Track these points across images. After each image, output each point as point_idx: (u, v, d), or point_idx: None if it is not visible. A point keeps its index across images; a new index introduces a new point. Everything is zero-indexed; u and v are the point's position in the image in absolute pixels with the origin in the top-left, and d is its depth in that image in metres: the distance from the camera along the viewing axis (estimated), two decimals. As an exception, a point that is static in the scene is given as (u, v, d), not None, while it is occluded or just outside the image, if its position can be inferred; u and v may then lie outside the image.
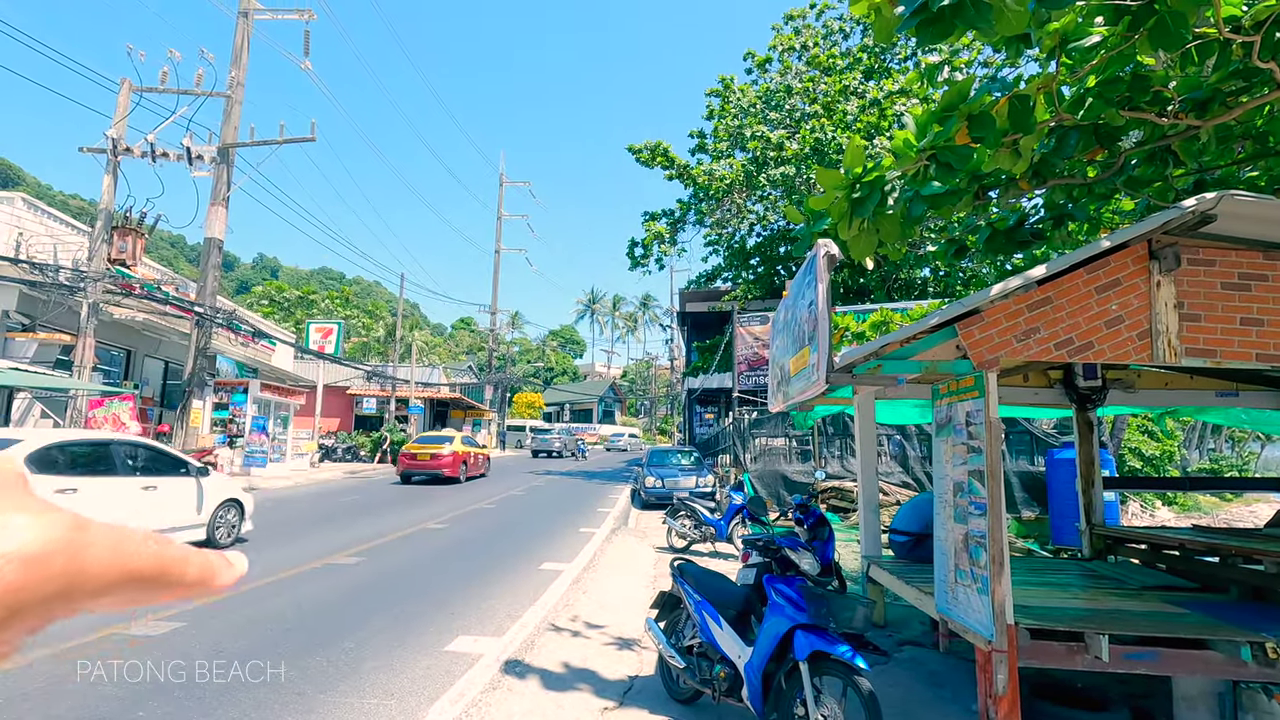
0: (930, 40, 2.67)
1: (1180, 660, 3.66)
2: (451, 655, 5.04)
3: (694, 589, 4.31)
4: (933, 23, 2.58)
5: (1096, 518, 6.31)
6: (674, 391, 56.41)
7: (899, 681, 4.86)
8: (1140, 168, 5.19)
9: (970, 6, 2.49)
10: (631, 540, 10.98)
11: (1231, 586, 4.78)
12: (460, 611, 6.22)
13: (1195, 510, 20.39)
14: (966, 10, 2.50)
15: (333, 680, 4.50)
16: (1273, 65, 3.94)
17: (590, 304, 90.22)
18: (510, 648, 5.24)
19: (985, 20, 2.52)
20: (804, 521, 7.18)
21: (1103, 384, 6.17)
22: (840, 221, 3.74)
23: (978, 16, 2.51)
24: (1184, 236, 3.68)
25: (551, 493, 18.41)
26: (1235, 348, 3.62)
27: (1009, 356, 3.72)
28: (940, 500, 4.11)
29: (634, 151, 24.16)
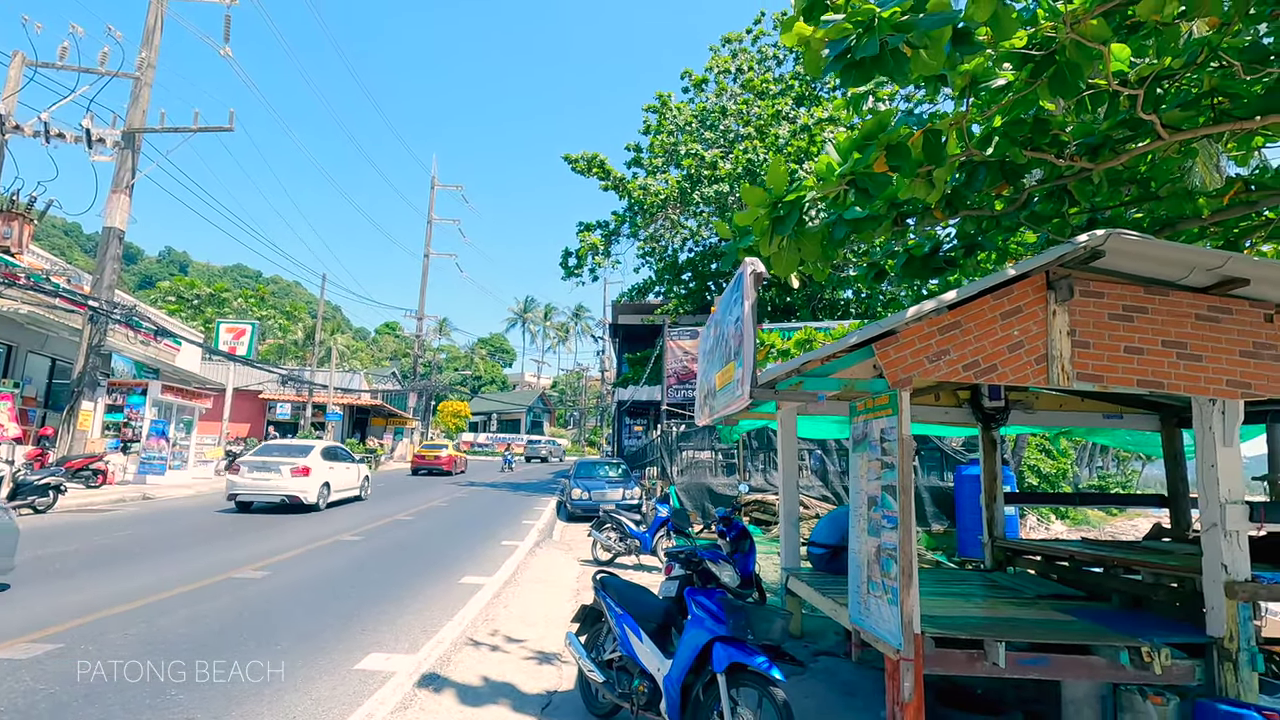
0: (852, 83, 2.80)
1: (1068, 665, 3.90)
2: (361, 674, 4.81)
3: (615, 602, 4.28)
4: (854, 67, 2.70)
5: (998, 531, 6.68)
6: (604, 403, 56.34)
7: (813, 692, 4.98)
8: (1041, 204, 5.58)
9: (889, 58, 2.63)
10: (556, 553, 10.85)
11: (1114, 595, 5.15)
12: (372, 627, 5.96)
13: (1085, 524, 21.93)
14: (885, 61, 2.64)
15: (226, 704, 4.21)
16: (1154, 117, 4.33)
17: (522, 313, 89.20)
18: (425, 664, 5.06)
19: (901, 70, 2.67)
20: (726, 534, 7.28)
21: (1006, 404, 6.57)
22: (762, 238, 3.85)
23: (895, 67, 2.65)
24: (1077, 269, 3.97)
25: (475, 504, 17.99)
26: (1119, 373, 3.92)
27: (921, 376, 3.90)
28: (855, 514, 4.26)
29: (570, 161, 24.17)
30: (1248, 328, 3.96)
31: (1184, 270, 3.90)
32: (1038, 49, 4.01)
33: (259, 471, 13.95)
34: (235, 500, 14.28)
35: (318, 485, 14.37)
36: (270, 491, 13.87)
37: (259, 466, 14.02)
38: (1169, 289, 4.00)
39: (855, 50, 2.64)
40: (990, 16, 3.32)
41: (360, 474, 17.29)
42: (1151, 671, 3.78)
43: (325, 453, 15.13)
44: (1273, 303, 3.97)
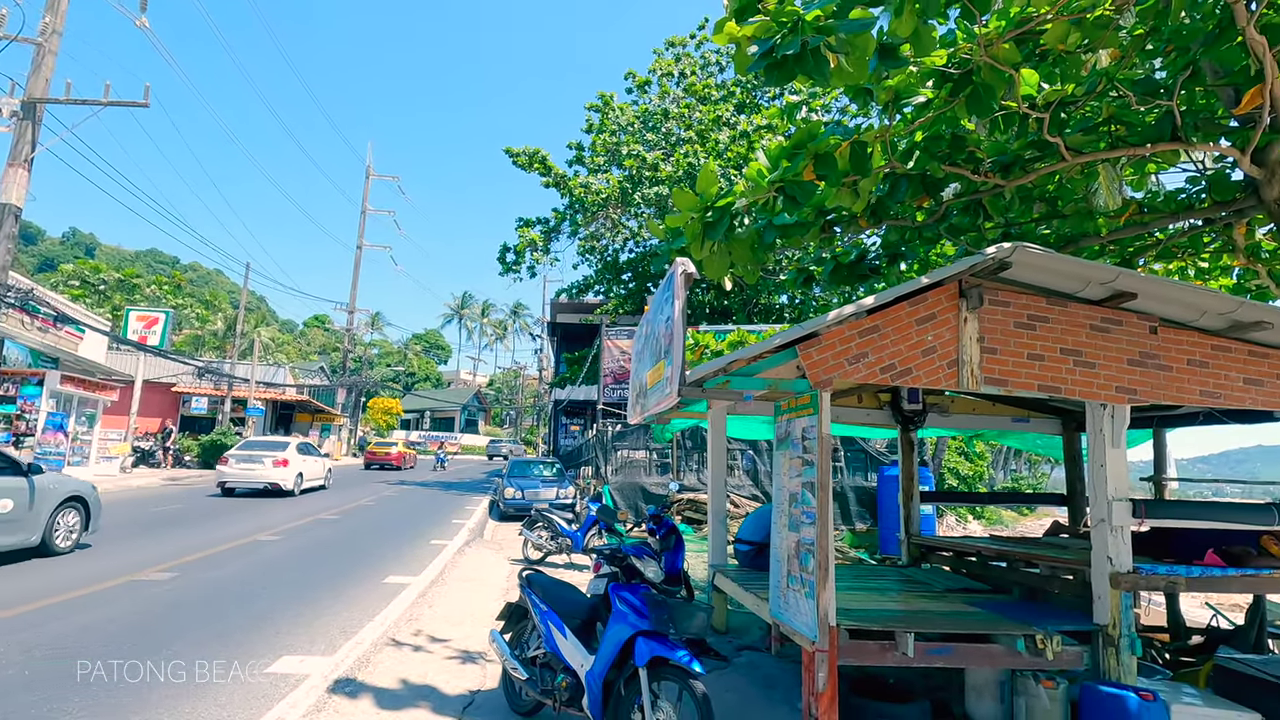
0: (776, 82, 2.89)
1: (971, 654, 4.12)
2: (272, 677, 4.62)
3: (541, 599, 4.27)
4: (778, 66, 2.79)
5: (914, 529, 6.99)
6: (541, 402, 55.87)
7: (736, 685, 5.08)
8: (959, 217, 5.87)
9: (809, 58, 2.73)
10: (486, 552, 10.69)
11: (1015, 587, 5.47)
12: (288, 629, 5.73)
13: (999, 523, 23.19)
14: (806, 61, 2.74)
15: (122, 712, 3.97)
16: (1059, 140, 4.62)
17: (459, 308, 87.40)
18: (342, 666, 4.90)
19: (821, 72, 2.77)
20: (656, 532, 7.35)
21: (923, 407, 6.88)
22: (694, 242, 3.92)
23: (815, 68, 2.75)
24: (987, 280, 4.20)
25: (404, 503, 17.52)
26: (1022, 378, 4.17)
27: (842, 378, 4.05)
28: (778, 510, 4.38)
29: (511, 155, 23.88)
30: (1135, 338, 4.28)
31: (1081, 283, 4.18)
32: (956, 69, 4.24)
33: (246, 463, 16.83)
34: (223, 487, 16.93)
35: (294, 474, 17.31)
36: (255, 479, 16.72)
37: (246, 459, 16.91)
38: (1068, 301, 4.28)
39: (779, 49, 2.73)
40: (911, 33, 3.48)
41: (325, 466, 20.16)
42: (1044, 658, 4.03)
43: (299, 448, 18.29)
44: (1157, 316, 4.30)
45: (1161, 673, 4.75)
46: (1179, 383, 4.30)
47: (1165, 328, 4.32)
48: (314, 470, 18.94)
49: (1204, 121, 5.36)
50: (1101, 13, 3.89)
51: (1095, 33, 3.93)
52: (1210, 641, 5.80)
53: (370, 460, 32.55)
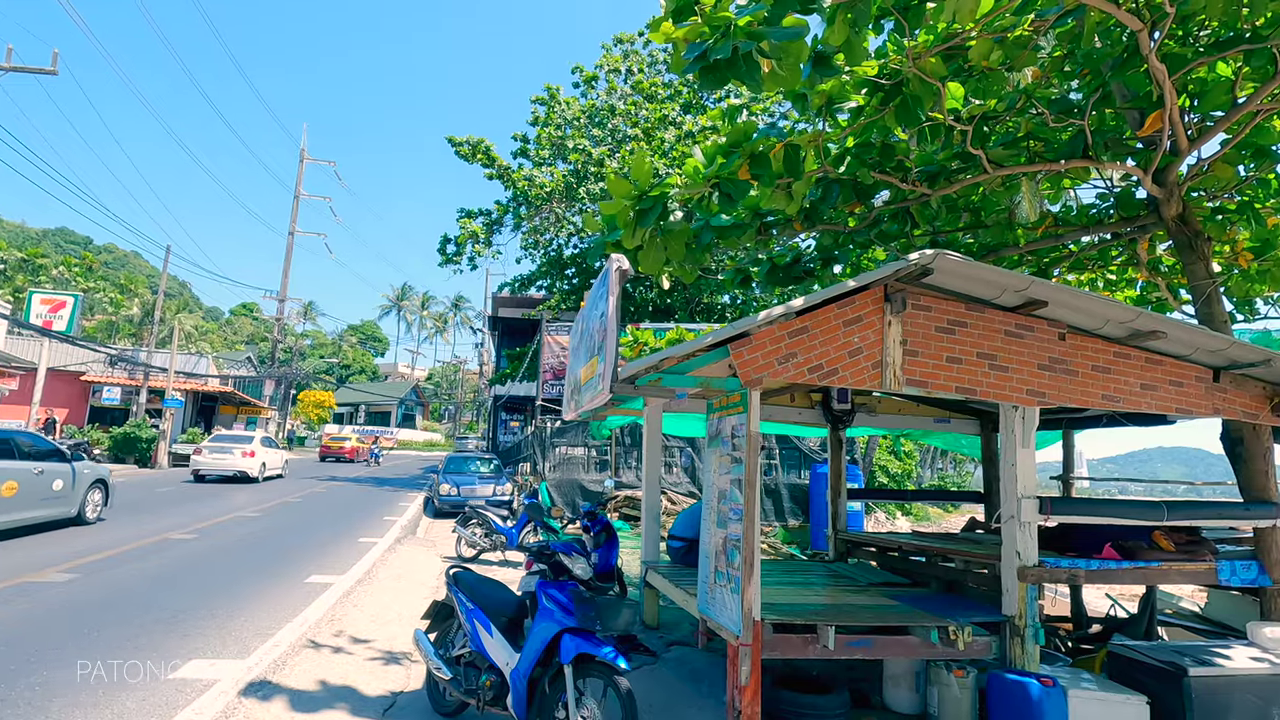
0: (709, 85, 2.92)
1: (888, 645, 4.27)
2: (177, 683, 4.38)
3: (467, 597, 4.19)
4: (711, 70, 2.82)
5: (841, 525, 7.19)
6: (481, 397, 54.92)
7: (665, 680, 5.12)
8: (888, 224, 6.07)
9: (741, 63, 2.77)
10: (418, 550, 10.44)
11: (933, 581, 5.70)
12: (196, 632, 5.44)
13: (926, 519, 24.11)
14: (738, 66, 2.77)
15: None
16: (981, 153, 4.83)
17: (398, 300, 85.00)
18: (255, 669, 4.69)
19: (753, 77, 2.81)
20: (591, 528, 7.32)
21: (852, 407, 7.09)
22: (626, 230, 3.91)
23: (746, 73, 2.79)
24: (911, 285, 4.35)
25: (334, 499, 16.94)
26: (941, 380, 4.34)
27: (772, 377, 4.12)
28: (707, 507, 4.43)
29: (454, 144, 23.37)
30: (1045, 344, 4.51)
31: (997, 291, 4.38)
32: (887, 80, 4.37)
33: (217, 453, 19.69)
34: (196, 474, 19.74)
35: (259, 464, 20.19)
36: (225, 468, 19.57)
37: (217, 450, 19.79)
38: (985, 307, 4.48)
39: (711, 52, 2.76)
40: (844, 42, 3.56)
41: (283, 458, 23.48)
42: (956, 648, 4.21)
43: (263, 441, 21.45)
44: (1065, 324, 4.55)
45: (1063, 660, 5.04)
46: (1083, 387, 4.56)
47: (1072, 334, 4.56)
48: (274, 461, 22.11)
49: (1113, 142, 5.70)
50: (1021, 33, 4.08)
51: (1015, 51, 4.12)
52: (1107, 630, 6.18)
53: (325, 453, 36.08)
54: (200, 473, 19.68)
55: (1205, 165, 5.72)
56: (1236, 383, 4.80)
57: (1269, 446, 4.91)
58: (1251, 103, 4.69)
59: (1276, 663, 4.05)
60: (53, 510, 9.82)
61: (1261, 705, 3.94)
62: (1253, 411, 4.80)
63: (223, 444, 20.18)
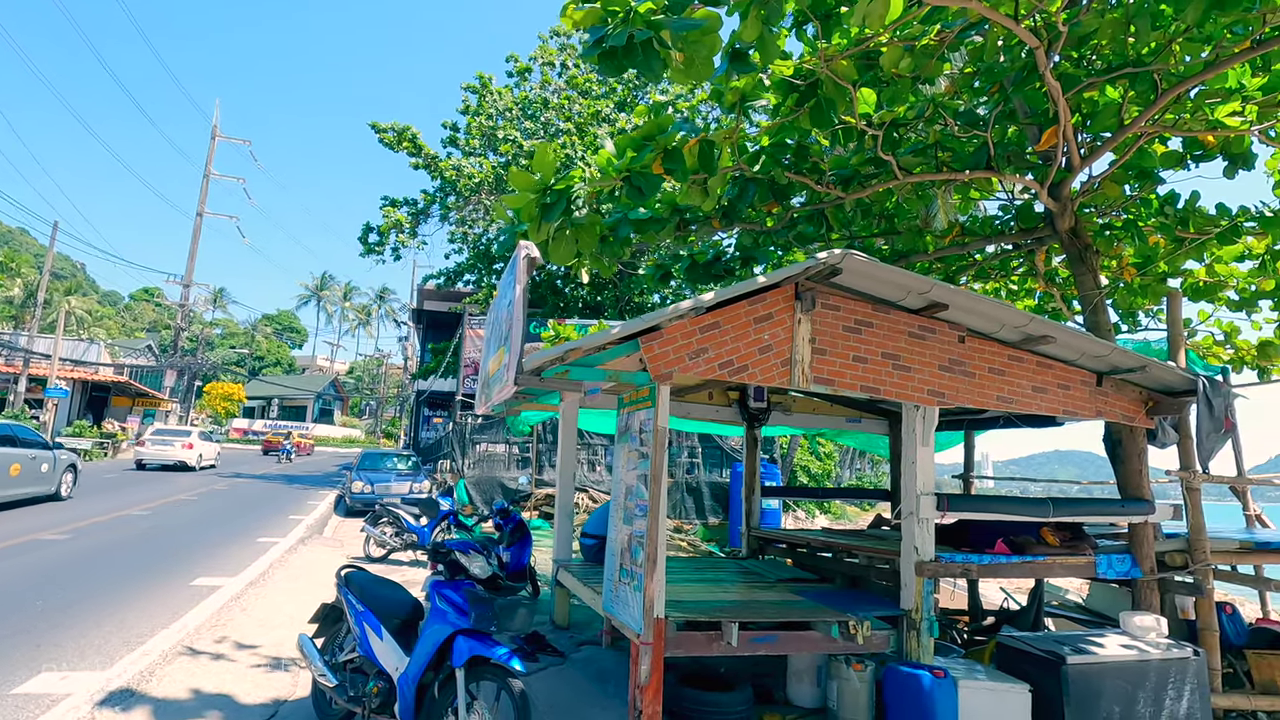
0: (609, 72, 2.84)
1: (792, 640, 4.30)
2: (20, 699, 3.94)
3: (357, 599, 3.95)
4: (609, 56, 2.74)
5: (754, 522, 7.27)
6: (405, 393, 53.21)
7: (571, 680, 5.01)
8: (805, 226, 6.15)
9: (639, 50, 2.70)
10: (323, 550, 9.95)
11: (838, 577, 5.82)
12: (51, 642, 4.94)
13: (843, 517, 24.92)
14: (636, 54, 2.70)
15: None
16: (891, 159, 4.94)
17: (318, 289, 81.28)
18: (117, 680, 4.28)
19: (650, 66, 2.74)
20: (504, 526, 7.14)
21: (768, 406, 7.17)
22: (531, 224, 3.79)
23: (644, 62, 2.72)
24: (820, 284, 4.39)
25: (235, 497, 15.96)
26: (848, 379, 4.41)
27: (682, 372, 4.07)
28: (615, 504, 4.35)
29: (378, 130, 22.48)
30: (946, 346, 4.66)
31: (902, 292, 4.48)
32: (802, 81, 4.40)
33: (160, 445, 22.67)
34: (139, 463, 22.70)
35: (196, 455, 23.06)
36: (167, 458, 22.45)
37: (160, 442, 22.83)
38: (890, 308, 4.58)
39: (608, 39, 2.67)
40: (758, 38, 3.54)
41: (216, 450, 26.33)
42: (856, 642, 4.28)
43: (200, 435, 24.53)
44: (965, 326, 4.71)
45: (956, 651, 5.22)
46: (981, 388, 4.73)
47: (971, 337, 4.73)
48: (209, 452, 25.11)
49: (1014, 156, 5.96)
50: (928, 42, 4.19)
51: (923, 60, 4.23)
52: (999, 621, 6.49)
53: (268, 447, 38.95)
54: (143, 462, 22.59)
55: (1095, 183, 6.07)
56: (1117, 387, 5.10)
57: (1144, 447, 5.24)
58: (1135, 125, 4.99)
59: (1144, 650, 4.31)
60: (41, 488, 12.21)
61: (1129, 689, 4.18)
62: (1130, 414, 5.11)
63: (165, 437, 23.42)
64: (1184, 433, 5.05)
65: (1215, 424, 4.82)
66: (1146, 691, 4.20)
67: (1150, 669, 4.23)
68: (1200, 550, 4.88)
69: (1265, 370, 7.70)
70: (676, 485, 14.09)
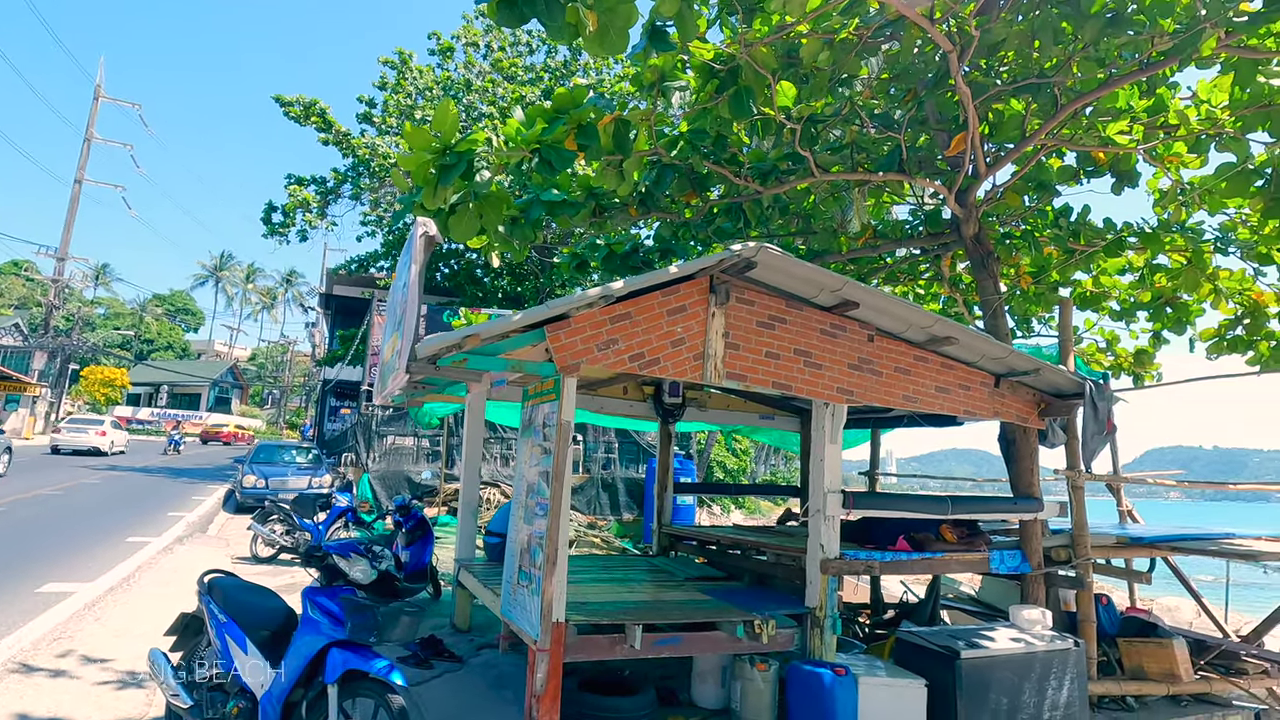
0: (508, 22, 2.62)
1: (696, 642, 4.20)
2: None
3: (220, 608, 3.54)
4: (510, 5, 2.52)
5: (666, 518, 7.18)
6: (312, 382, 50.47)
7: (467, 687, 4.74)
8: (723, 219, 6.08)
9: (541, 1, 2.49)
10: (204, 550, 9.15)
11: (746, 574, 5.79)
12: None
13: (759, 513, 25.42)
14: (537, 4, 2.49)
15: None
16: (809, 154, 4.91)
17: (216, 270, 75.92)
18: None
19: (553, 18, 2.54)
20: (403, 524, 6.75)
21: (683, 401, 7.09)
22: (427, 188, 3.49)
23: (546, 12, 2.52)
24: (735, 277, 4.29)
25: (107, 492, 14.55)
26: (760, 375, 4.34)
27: (590, 363, 3.88)
28: (516, 502, 4.11)
29: (283, 104, 21.05)
30: (856, 345, 4.67)
31: (815, 289, 4.45)
32: (723, 67, 4.29)
33: (74, 432, 24.73)
34: (54, 448, 24.42)
35: (109, 441, 25.11)
36: (81, 444, 24.27)
37: (75, 430, 24.94)
38: (804, 305, 4.54)
39: (505, -17, 2.45)
40: (676, 14, 3.39)
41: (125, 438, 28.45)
42: (761, 641, 4.22)
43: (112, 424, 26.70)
44: (874, 326, 4.74)
45: (858, 647, 5.29)
46: (888, 387, 4.78)
47: (880, 337, 4.77)
48: (120, 439, 26.82)
49: (925, 161, 6.10)
50: (847, 35, 4.16)
51: (842, 54, 4.20)
52: (899, 615, 6.66)
53: (206, 437, 41.49)
54: (58, 447, 24.28)
55: (999, 191, 6.31)
56: (1013, 389, 5.28)
57: (1035, 447, 5.47)
58: (1035, 138, 5.18)
59: (1031, 642, 4.47)
60: None
61: (1016, 681, 4.31)
62: (1024, 415, 5.31)
63: (79, 424, 25.69)
64: (1071, 434, 5.29)
65: (1099, 425, 5.07)
66: (1032, 682, 4.35)
67: (1036, 660, 4.38)
68: (1082, 546, 5.13)
69: (1139, 376, 8.30)
70: (592, 481, 13.90)
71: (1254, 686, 5.16)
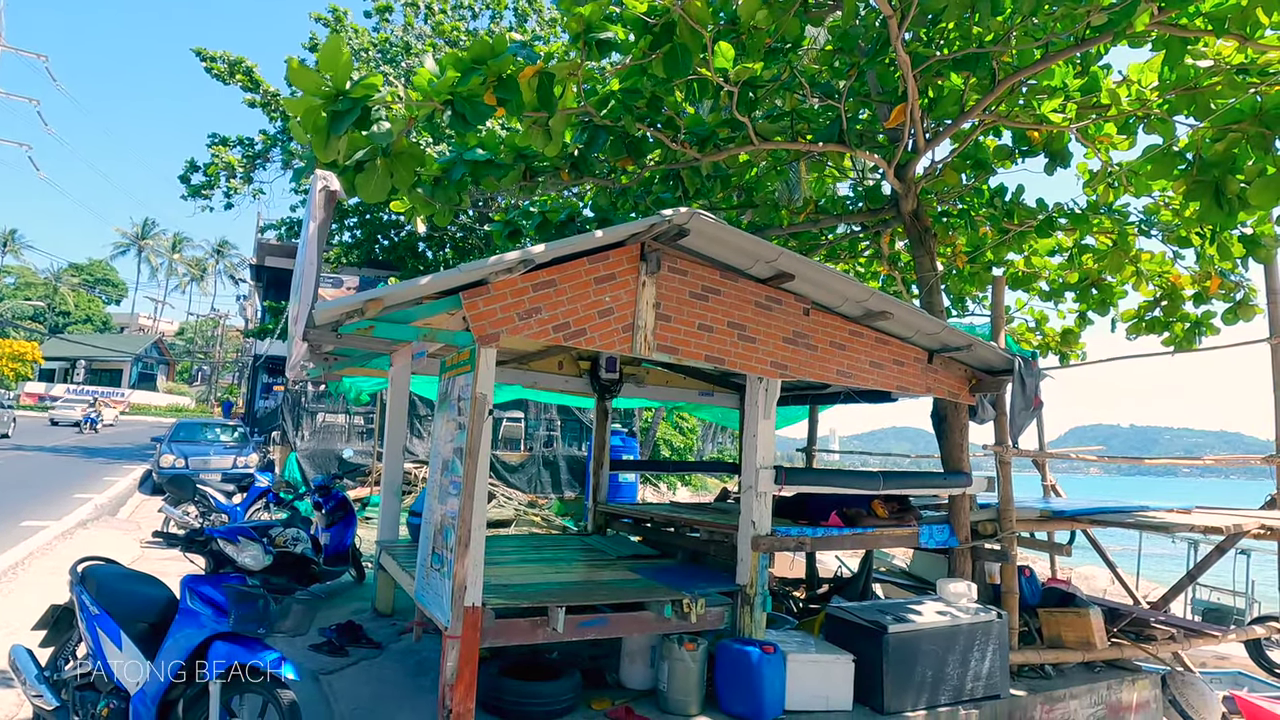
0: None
1: (623, 623, 4.07)
2: None
3: (93, 599, 3.20)
4: None
5: (602, 496, 7.02)
6: (245, 357, 48.25)
7: (384, 674, 4.51)
8: (660, 187, 5.87)
9: None
10: (111, 535, 8.57)
11: (679, 552, 5.70)
12: None
13: (704, 490, 25.61)
14: None
15: None
16: (747, 120, 4.73)
17: (138, 238, 71.47)
18: None
19: None
20: (324, 505, 6.40)
21: (620, 377, 6.91)
22: (317, 136, 3.17)
23: None
24: (667, 245, 4.10)
25: (6, 474, 13.52)
26: (692, 347, 4.18)
27: (511, 333, 3.65)
28: (431, 480, 3.86)
29: (205, 59, 19.70)
30: (791, 318, 4.56)
31: (751, 260, 4.30)
32: (657, 22, 4.05)
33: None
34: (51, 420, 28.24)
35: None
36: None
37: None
38: (738, 276, 4.39)
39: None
40: (602, -44, 3.13)
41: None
42: (690, 620, 4.12)
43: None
44: (810, 299, 4.63)
45: (790, 622, 5.27)
46: (823, 362, 4.69)
47: (815, 310, 4.67)
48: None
49: (865, 134, 6.01)
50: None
51: (781, 13, 4.01)
52: (832, 590, 6.71)
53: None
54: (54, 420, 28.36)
55: (937, 168, 6.28)
56: (946, 364, 5.28)
57: (965, 423, 5.51)
58: (973, 113, 5.13)
59: (956, 615, 4.51)
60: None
61: (941, 653, 4.35)
62: (956, 391, 5.33)
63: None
64: (1000, 410, 5.34)
65: (1027, 401, 5.12)
66: (955, 654, 4.39)
67: (960, 633, 4.42)
68: (1008, 520, 5.20)
69: (1065, 355, 8.53)
70: (534, 458, 13.67)
71: (1161, 651, 5.37)
